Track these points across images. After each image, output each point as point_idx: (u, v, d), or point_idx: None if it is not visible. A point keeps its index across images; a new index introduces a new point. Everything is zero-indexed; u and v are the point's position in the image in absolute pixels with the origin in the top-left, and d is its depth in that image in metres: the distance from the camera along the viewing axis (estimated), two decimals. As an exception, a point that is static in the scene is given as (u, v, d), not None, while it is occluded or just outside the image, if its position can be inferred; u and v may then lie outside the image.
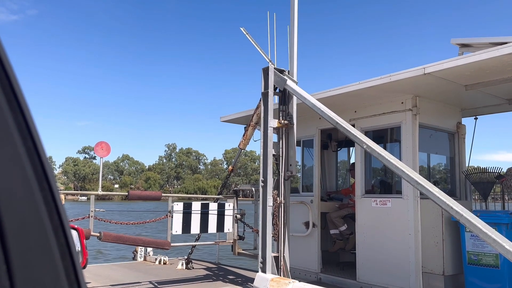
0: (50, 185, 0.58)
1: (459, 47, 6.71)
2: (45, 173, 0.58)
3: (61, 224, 0.59)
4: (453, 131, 7.57)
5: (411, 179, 4.46)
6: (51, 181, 0.58)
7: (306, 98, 5.87)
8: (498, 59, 5.07)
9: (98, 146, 6.48)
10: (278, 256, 6.11)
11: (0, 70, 0.55)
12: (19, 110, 0.55)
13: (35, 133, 0.57)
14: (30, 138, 0.56)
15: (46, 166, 0.57)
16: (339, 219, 8.07)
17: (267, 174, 6.09)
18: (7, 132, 0.53)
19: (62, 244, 0.58)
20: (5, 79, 0.55)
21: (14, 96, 0.55)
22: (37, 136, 0.57)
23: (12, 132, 0.54)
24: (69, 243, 0.59)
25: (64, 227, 0.59)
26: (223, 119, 9.65)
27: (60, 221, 0.59)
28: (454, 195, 7.38)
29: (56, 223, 0.58)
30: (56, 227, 0.58)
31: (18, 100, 0.55)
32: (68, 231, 0.59)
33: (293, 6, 6.51)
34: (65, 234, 0.59)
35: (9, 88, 0.55)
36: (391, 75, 6.05)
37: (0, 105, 0.54)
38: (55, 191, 0.59)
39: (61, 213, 0.59)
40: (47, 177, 0.58)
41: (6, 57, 0.55)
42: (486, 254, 6.11)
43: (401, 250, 6.46)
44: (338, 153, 10.21)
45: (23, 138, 0.55)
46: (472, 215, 3.93)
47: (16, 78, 0.56)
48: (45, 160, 0.57)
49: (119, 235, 6.27)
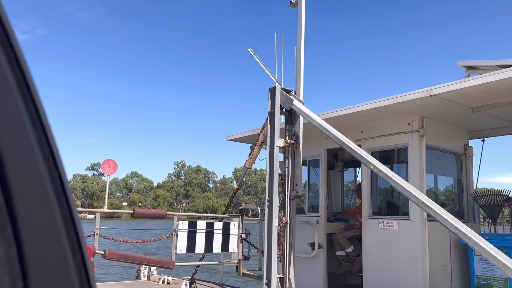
0: (68, 200, 0.59)
1: (465, 69, 6.74)
2: (64, 189, 0.58)
3: (78, 240, 0.59)
4: (460, 152, 7.54)
5: (419, 201, 4.42)
6: (69, 197, 0.59)
7: (313, 118, 5.89)
8: (505, 82, 5.08)
9: (105, 164, 6.51)
10: (283, 278, 6.03)
11: (28, 99, 0.57)
12: (41, 126, 0.57)
13: (56, 151, 0.59)
14: (51, 156, 0.57)
15: (65, 183, 0.58)
16: (345, 241, 7.97)
17: (272, 194, 6.06)
18: (29, 147, 0.54)
19: (78, 260, 0.59)
20: (31, 101, 0.56)
21: (38, 114, 0.57)
22: (58, 155, 0.59)
23: (34, 149, 0.55)
24: (85, 259, 0.59)
25: (80, 242, 0.60)
26: (229, 138, 9.68)
27: (77, 236, 0.59)
28: (462, 217, 7.29)
29: (73, 239, 0.59)
30: (72, 242, 0.58)
31: (38, 112, 0.57)
32: (84, 246, 0.60)
33: (300, 28, 6.60)
34: (81, 250, 0.59)
35: (30, 101, 0.57)
36: (398, 96, 6.07)
37: (23, 119, 0.56)
38: (72, 207, 0.59)
39: (78, 229, 0.60)
40: (65, 193, 0.58)
41: (36, 90, 0.57)
42: (495, 279, 6.00)
43: (408, 273, 6.35)
44: (344, 173, 10.17)
45: (44, 156, 0.56)
46: (480, 238, 3.87)
47: (39, 98, 0.58)
48: (64, 177, 0.58)
49: (123, 254, 6.23)
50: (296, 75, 6.65)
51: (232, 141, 9.77)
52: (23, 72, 0.59)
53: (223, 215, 8.21)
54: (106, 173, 6.38)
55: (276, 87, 6.36)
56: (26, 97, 0.56)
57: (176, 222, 6.99)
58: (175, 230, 6.88)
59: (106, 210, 6.32)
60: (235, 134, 9.47)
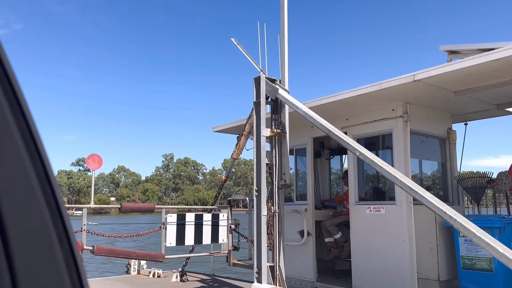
0: (54, 190, 0.58)
1: (447, 54, 6.81)
2: (49, 180, 0.57)
3: (65, 231, 0.59)
4: (444, 137, 7.65)
5: (404, 185, 4.48)
6: (55, 187, 0.58)
7: (298, 106, 5.90)
8: (486, 65, 5.15)
9: (90, 159, 6.43)
10: (273, 266, 6.08)
11: (10, 95, 0.55)
12: (24, 121, 0.55)
13: (38, 140, 0.57)
14: (34, 146, 0.56)
15: (49, 173, 0.57)
16: (333, 227, 8.06)
17: (260, 183, 6.08)
18: (11, 138, 0.53)
19: (66, 250, 0.58)
20: (14, 100, 0.55)
21: (19, 105, 0.56)
22: (40, 144, 0.58)
23: (16, 140, 0.54)
24: (73, 249, 0.58)
25: (68, 233, 0.59)
26: (215, 129, 9.64)
27: (64, 227, 0.58)
28: (447, 200, 7.42)
29: (60, 230, 0.58)
30: (60, 233, 0.58)
31: (22, 109, 0.56)
32: (72, 237, 0.59)
33: (283, 17, 6.58)
34: (69, 241, 0.58)
35: (14, 101, 0.55)
36: (382, 83, 6.12)
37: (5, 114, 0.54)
38: (58, 197, 0.59)
39: (65, 219, 0.59)
40: (50, 183, 0.57)
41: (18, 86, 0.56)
42: (480, 259, 6.14)
43: (395, 256, 6.46)
44: (331, 161, 10.24)
45: (27, 146, 0.55)
46: (465, 220, 3.95)
47: (23, 95, 0.57)
48: (49, 167, 0.57)
49: (112, 249, 6.20)
50: (280, 64, 6.64)
51: (218, 133, 9.74)
52: (3, 63, 0.58)
53: (212, 206, 8.21)
54: (91, 168, 6.31)
55: (261, 76, 6.34)
56: (4, 83, 0.55)
57: (165, 215, 6.97)
58: (164, 223, 6.86)
59: (93, 206, 6.26)
60: (221, 125, 9.44)
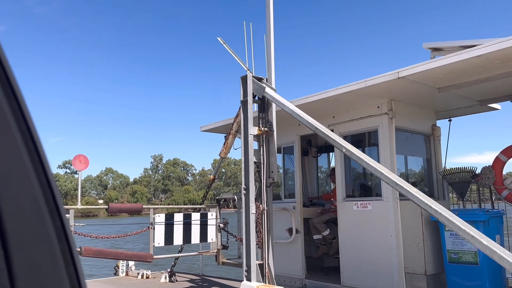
0: (46, 172, 0.59)
1: (431, 51, 6.92)
2: (39, 155, 0.59)
3: (57, 208, 0.60)
4: (429, 133, 7.77)
5: (390, 180, 4.54)
6: (47, 170, 0.59)
7: (285, 104, 5.94)
8: (468, 62, 5.25)
9: (76, 160, 6.38)
10: (262, 264, 6.11)
11: (12, 98, 0.56)
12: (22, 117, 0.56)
13: (29, 118, 0.58)
14: (24, 122, 0.57)
15: (39, 147, 0.58)
16: (321, 224, 8.12)
17: (249, 182, 6.10)
18: (7, 126, 0.54)
19: (58, 226, 0.59)
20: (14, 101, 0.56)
21: (17, 102, 0.57)
22: (30, 120, 0.59)
23: (8, 117, 0.55)
24: (64, 225, 0.60)
25: (59, 210, 0.60)
26: (203, 129, 9.63)
27: (56, 204, 0.59)
28: (432, 195, 7.54)
29: (52, 206, 0.59)
30: (52, 210, 0.59)
31: (20, 107, 0.57)
32: (63, 214, 0.60)
33: (269, 16, 6.61)
34: (60, 217, 0.60)
35: (14, 100, 0.57)
36: (367, 80, 6.19)
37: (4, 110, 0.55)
38: (49, 174, 0.60)
39: (56, 197, 0.60)
40: (44, 167, 0.59)
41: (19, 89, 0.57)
42: (465, 252, 6.25)
43: (383, 251, 6.54)
44: (318, 158, 10.31)
45: (18, 122, 0.56)
46: (450, 213, 4.03)
47: (22, 96, 0.58)
48: (38, 142, 0.59)
49: (100, 250, 6.15)
50: (267, 63, 6.68)
51: (206, 132, 9.73)
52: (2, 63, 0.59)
53: (200, 205, 8.20)
54: (78, 168, 6.26)
55: (248, 75, 6.37)
56: (5, 85, 0.56)
57: (153, 215, 6.94)
58: (152, 223, 6.83)
59: (80, 207, 6.21)
60: (209, 124, 9.43)
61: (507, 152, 7.21)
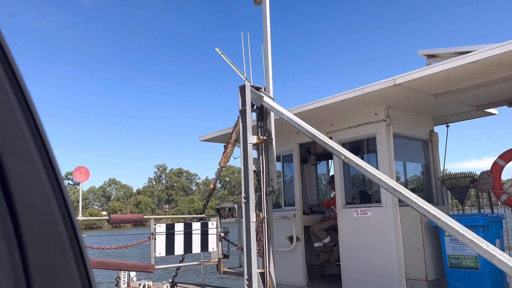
0: (57, 178, 0.63)
1: (426, 58, 7.00)
2: (51, 163, 0.63)
3: (68, 213, 0.64)
4: (426, 139, 7.82)
5: (389, 187, 4.57)
6: (59, 176, 0.64)
7: (283, 113, 5.99)
8: (464, 68, 5.32)
9: (77, 171, 6.40)
10: (264, 272, 6.11)
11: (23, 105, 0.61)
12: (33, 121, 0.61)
13: (42, 129, 0.63)
14: (37, 133, 0.62)
15: (51, 156, 0.63)
16: (322, 232, 8.14)
17: (248, 190, 6.13)
18: (19, 127, 0.59)
19: (70, 230, 0.63)
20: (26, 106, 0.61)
21: (28, 108, 0.62)
22: (43, 131, 0.63)
23: (23, 128, 0.60)
24: (75, 228, 0.64)
25: (71, 215, 0.64)
26: (202, 138, 9.68)
27: (67, 209, 0.64)
28: (432, 201, 7.56)
29: (64, 211, 0.63)
30: (64, 214, 0.63)
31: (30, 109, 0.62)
32: (74, 218, 0.65)
33: (266, 25, 6.69)
34: (72, 221, 0.64)
35: (27, 108, 0.61)
36: (363, 88, 6.25)
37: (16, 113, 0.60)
38: (60, 181, 0.64)
39: (68, 202, 0.64)
40: (53, 167, 0.63)
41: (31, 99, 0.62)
42: (466, 257, 6.27)
43: (384, 258, 6.55)
44: (317, 166, 10.35)
45: (32, 133, 0.61)
46: (449, 218, 4.05)
47: (33, 104, 0.63)
48: (50, 151, 0.63)
49: (101, 261, 6.15)
50: (265, 72, 6.74)
51: (205, 142, 9.78)
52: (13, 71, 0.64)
53: (201, 215, 8.21)
54: (79, 180, 6.29)
55: (246, 84, 6.42)
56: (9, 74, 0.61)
57: (154, 225, 6.96)
58: (153, 234, 6.84)
59: (81, 218, 6.22)
60: (208, 134, 9.48)
61: (505, 156, 7.25)
